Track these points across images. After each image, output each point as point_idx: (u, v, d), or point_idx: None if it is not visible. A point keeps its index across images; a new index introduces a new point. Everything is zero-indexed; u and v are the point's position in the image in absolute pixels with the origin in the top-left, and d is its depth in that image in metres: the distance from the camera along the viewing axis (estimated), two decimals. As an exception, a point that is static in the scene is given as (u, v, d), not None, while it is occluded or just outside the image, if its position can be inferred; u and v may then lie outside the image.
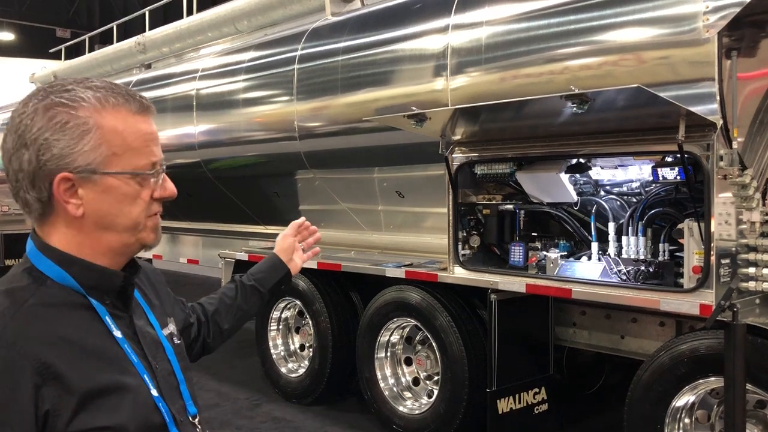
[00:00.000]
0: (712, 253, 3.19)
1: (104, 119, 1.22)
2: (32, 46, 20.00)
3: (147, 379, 1.26)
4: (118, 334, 1.26)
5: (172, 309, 1.58)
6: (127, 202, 1.25)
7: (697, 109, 3.09)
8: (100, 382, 1.18)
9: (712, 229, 3.19)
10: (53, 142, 1.19)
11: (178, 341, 1.45)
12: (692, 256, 3.31)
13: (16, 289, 1.22)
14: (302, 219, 2.04)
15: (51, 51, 12.50)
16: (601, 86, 3.22)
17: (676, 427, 3.45)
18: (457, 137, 4.23)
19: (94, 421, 1.15)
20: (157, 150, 1.30)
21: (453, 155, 4.26)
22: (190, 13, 7.91)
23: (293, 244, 1.99)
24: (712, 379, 3.31)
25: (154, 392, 1.27)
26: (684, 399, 3.43)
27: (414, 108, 3.89)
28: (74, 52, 12.17)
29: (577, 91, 3.04)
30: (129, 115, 1.25)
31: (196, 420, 1.37)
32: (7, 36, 22.06)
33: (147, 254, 8.31)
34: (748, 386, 3.14)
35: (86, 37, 11.34)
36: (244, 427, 4.99)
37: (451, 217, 4.30)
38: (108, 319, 1.26)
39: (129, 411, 1.20)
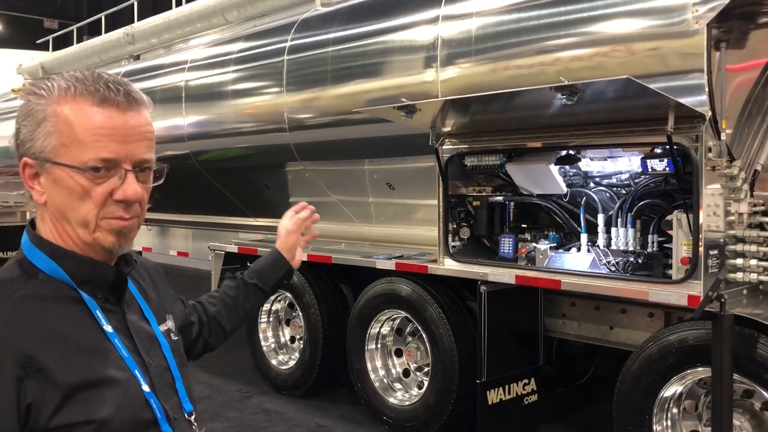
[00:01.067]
0: (700, 244, 3.21)
1: (61, 108, 1.20)
2: (20, 36, 19.80)
3: (138, 374, 1.25)
4: (108, 328, 1.24)
5: (171, 306, 1.55)
6: (75, 197, 1.20)
7: (686, 100, 3.10)
8: (86, 376, 1.17)
9: (701, 220, 3.21)
10: (21, 128, 1.23)
11: (176, 338, 1.43)
12: (681, 248, 3.33)
13: (5, 281, 1.22)
14: (303, 214, 1.95)
15: (38, 42, 12.38)
16: (592, 77, 3.23)
17: (664, 417, 3.48)
18: (448, 129, 4.22)
19: (77, 416, 1.14)
20: (117, 147, 1.20)
21: (443, 147, 4.26)
22: (179, 3, 7.84)
23: (297, 241, 1.94)
24: (700, 369, 3.33)
25: (146, 387, 1.25)
26: (672, 389, 3.46)
27: (404, 99, 3.88)
28: (62, 43, 12.06)
29: (566, 83, 3.04)
30: (86, 106, 1.19)
31: (192, 417, 1.35)
32: (-6, 27, 21.85)
33: (137, 247, 8.28)
34: (736, 376, 3.16)
35: (74, 27, 11.24)
36: (234, 419, 4.99)
37: (441, 209, 4.30)
38: (98, 313, 1.24)
39: (115, 406, 1.18)
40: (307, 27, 5.40)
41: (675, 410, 3.49)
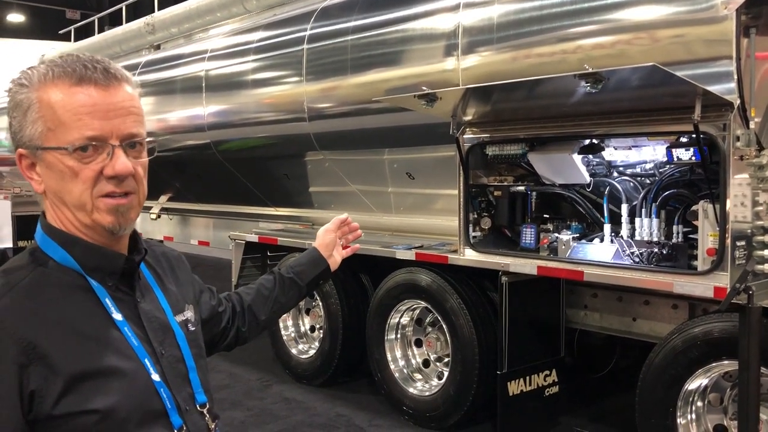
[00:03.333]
0: (727, 235, 3.15)
1: (43, 93, 1.20)
2: (42, 27, 19.99)
3: (147, 363, 1.24)
4: (118, 316, 1.24)
5: (195, 296, 1.54)
6: (67, 180, 1.20)
7: (713, 88, 3.03)
8: (90, 364, 1.16)
9: (728, 210, 3.15)
10: (12, 120, 1.23)
11: (193, 328, 1.42)
12: (707, 238, 3.27)
13: (14, 268, 1.22)
14: (345, 215, 2.00)
15: (61, 32, 12.49)
16: (614, 65, 3.17)
17: (689, 410, 3.43)
18: (469, 118, 4.18)
19: (81, 404, 1.14)
20: (101, 123, 1.19)
21: (464, 136, 4.22)
22: (199, -7, 7.84)
23: (334, 240, 1.94)
24: (726, 362, 3.28)
25: (155, 377, 1.24)
26: (697, 382, 3.41)
27: (425, 88, 3.84)
28: (84, 33, 12.14)
29: (591, 70, 2.98)
30: (66, 87, 1.19)
31: (206, 409, 1.34)
32: (17, 17, 22.06)
33: (158, 236, 8.34)
34: (762, 369, 3.10)
35: (95, 18, 11.30)
36: (255, 408, 5.02)
37: (461, 199, 4.27)
38: (108, 302, 1.24)
39: (121, 395, 1.18)
40: (326, 15, 5.37)
41: (700, 403, 3.44)
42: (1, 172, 12.05)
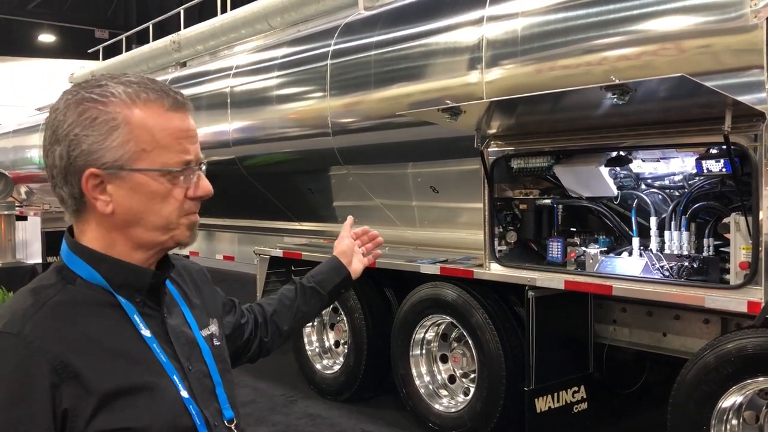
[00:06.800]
0: (760, 248, 3.08)
1: (134, 115, 1.20)
2: (72, 47, 20.40)
3: (176, 379, 1.23)
4: (146, 333, 1.23)
5: (218, 310, 1.54)
6: (157, 200, 1.23)
7: (744, 98, 2.98)
8: (122, 382, 1.16)
9: (760, 222, 3.08)
10: (83, 137, 1.19)
11: (218, 342, 1.41)
12: (739, 252, 3.20)
13: (42, 287, 1.22)
14: (350, 219, 2.00)
15: (89, 51, 12.73)
16: (639, 77, 3.13)
17: (723, 428, 3.33)
18: (493, 131, 4.16)
19: (114, 422, 1.13)
20: (193, 148, 1.26)
21: (488, 149, 4.19)
22: (224, 10, 7.95)
23: (351, 246, 1.93)
24: (761, 379, 3.19)
25: (184, 394, 1.23)
26: (731, 400, 3.31)
27: (448, 102, 3.82)
28: (112, 52, 12.34)
29: (618, 82, 2.95)
30: (161, 111, 1.23)
31: (233, 425, 1.33)
32: (48, 38, 22.53)
33: (184, 251, 8.44)
34: (800, 387, 3.02)
35: (123, 36, 11.49)
36: (279, 424, 5.00)
37: (486, 213, 4.23)
38: (136, 318, 1.24)
39: (153, 412, 1.18)
40: (350, 31, 5.39)
41: (735, 421, 3.34)
42: (31, 189, 12.28)
